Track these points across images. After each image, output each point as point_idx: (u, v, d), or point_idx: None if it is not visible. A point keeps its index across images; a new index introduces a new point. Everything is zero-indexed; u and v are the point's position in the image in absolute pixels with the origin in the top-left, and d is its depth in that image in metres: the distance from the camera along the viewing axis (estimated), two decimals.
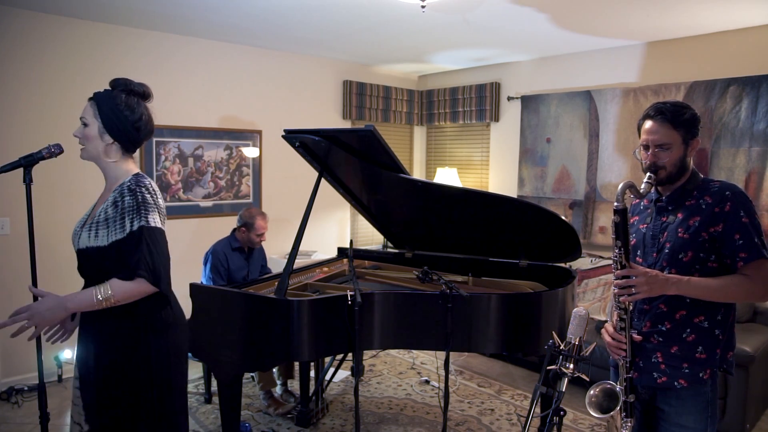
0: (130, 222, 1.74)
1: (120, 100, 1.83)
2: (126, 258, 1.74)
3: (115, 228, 1.76)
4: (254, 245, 3.77)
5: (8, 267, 3.77)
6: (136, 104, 1.86)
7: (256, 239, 3.72)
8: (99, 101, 1.82)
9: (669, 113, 1.77)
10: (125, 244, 1.74)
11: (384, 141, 2.76)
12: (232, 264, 3.68)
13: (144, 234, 1.74)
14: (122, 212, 1.76)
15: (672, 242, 1.79)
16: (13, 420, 3.39)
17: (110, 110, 1.81)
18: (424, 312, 2.80)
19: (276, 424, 3.42)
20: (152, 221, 1.77)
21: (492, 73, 5.60)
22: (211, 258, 3.64)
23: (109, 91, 1.86)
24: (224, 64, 4.75)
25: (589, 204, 4.83)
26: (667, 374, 1.79)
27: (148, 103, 1.92)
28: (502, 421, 3.52)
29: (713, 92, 4.03)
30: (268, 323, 2.68)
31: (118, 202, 1.78)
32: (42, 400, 1.86)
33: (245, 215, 3.71)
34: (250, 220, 3.68)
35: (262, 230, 3.70)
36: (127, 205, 1.75)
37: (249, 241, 3.73)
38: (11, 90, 3.74)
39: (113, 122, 1.82)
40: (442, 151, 6.23)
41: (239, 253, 3.75)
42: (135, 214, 1.75)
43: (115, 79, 1.88)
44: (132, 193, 1.77)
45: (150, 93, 1.92)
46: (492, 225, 3.34)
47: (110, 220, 1.78)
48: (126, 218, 1.75)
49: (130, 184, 1.80)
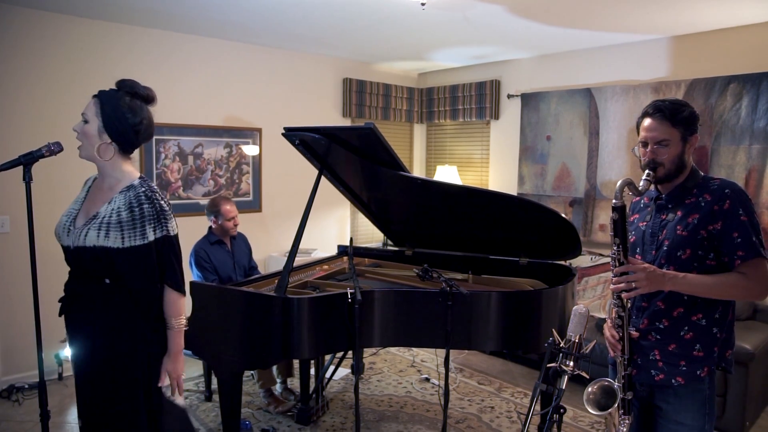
0: (153, 230, 1.84)
1: (124, 102, 1.85)
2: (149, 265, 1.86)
3: (133, 233, 1.82)
4: (230, 231, 3.73)
5: (8, 265, 3.78)
6: (139, 108, 1.89)
7: (229, 225, 3.69)
8: (103, 100, 1.84)
9: (667, 111, 1.78)
10: (147, 249, 1.85)
11: (384, 138, 2.76)
12: (215, 259, 3.66)
13: (167, 244, 1.88)
14: (141, 219, 1.83)
15: (671, 239, 1.79)
16: (14, 418, 3.40)
17: (112, 110, 1.83)
18: (424, 310, 2.80)
19: (276, 422, 3.43)
20: (171, 230, 1.91)
21: (492, 71, 5.59)
22: (193, 257, 3.63)
23: (114, 91, 1.88)
24: (224, 62, 4.74)
25: (589, 202, 4.83)
26: (665, 372, 1.80)
27: (152, 107, 1.95)
28: (502, 419, 3.53)
29: (713, 90, 4.02)
30: (268, 321, 2.69)
31: (135, 208, 1.83)
32: (42, 398, 1.87)
33: (209, 205, 3.72)
34: (215, 208, 3.68)
35: (230, 214, 3.68)
36: (147, 214, 1.83)
37: (224, 231, 3.71)
38: (11, 88, 3.74)
39: (113, 123, 1.84)
40: (442, 148, 6.23)
41: (219, 246, 3.73)
42: (156, 223, 1.85)
43: (122, 80, 1.90)
44: (150, 201, 1.84)
45: (154, 97, 1.95)
46: (492, 223, 3.34)
47: (125, 224, 1.82)
48: (147, 226, 1.83)
49: (145, 190, 1.85)
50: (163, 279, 1.91)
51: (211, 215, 3.70)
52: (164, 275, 1.91)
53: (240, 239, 3.89)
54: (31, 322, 1.85)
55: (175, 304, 1.94)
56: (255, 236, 4.59)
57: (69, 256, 1.90)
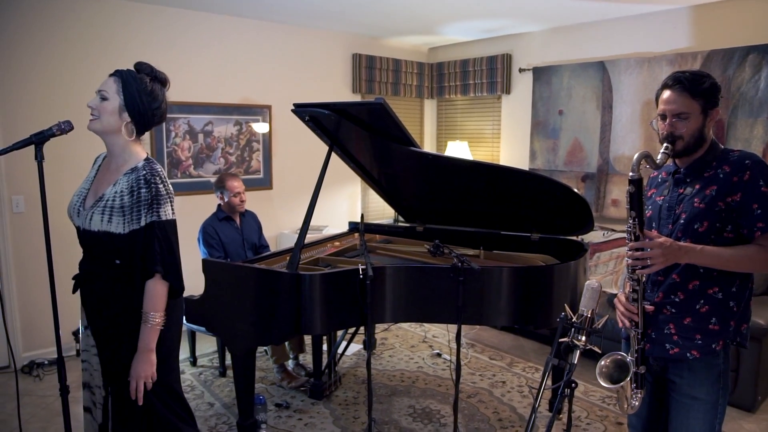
0: (145, 215, 1.83)
1: (146, 84, 1.88)
2: (140, 249, 1.83)
3: (132, 218, 1.83)
4: (238, 208, 3.74)
5: (25, 244, 3.82)
6: (160, 91, 1.92)
7: (235, 201, 3.70)
8: (126, 80, 1.85)
9: (687, 82, 1.73)
10: (140, 234, 1.83)
11: (394, 113, 2.73)
12: (224, 236, 3.68)
13: (155, 228, 1.83)
14: (138, 204, 1.83)
15: (688, 212, 1.76)
16: (36, 392, 3.48)
17: (136, 91, 1.85)
18: (435, 285, 2.81)
19: (290, 397, 3.48)
20: (164, 215, 1.86)
21: (503, 45, 5.50)
22: (201, 234, 3.66)
23: (135, 72, 1.89)
24: (233, 39, 4.70)
25: (601, 177, 4.78)
26: (680, 345, 1.79)
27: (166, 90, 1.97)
28: (514, 393, 3.55)
29: (731, 61, 3.93)
30: (280, 297, 2.71)
31: (135, 191, 1.83)
32: (61, 374, 1.90)
33: (216, 181, 3.74)
34: (221, 184, 3.70)
35: (235, 190, 3.69)
36: (143, 198, 1.83)
37: (231, 207, 3.73)
38: (22, 67, 3.73)
39: (136, 103, 1.85)
40: (452, 124, 6.17)
41: (228, 223, 3.74)
42: (148, 208, 1.83)
43: (139, 62, 1.92)
44: (147, 185, 1.84)
45: (168, 80, 1.98)
46: (504, 198, 3.32)
47: (126, 208, 1.84)
48: (142, 210, 1.83)
49: (146, 174, 1.85)
50: (144, 265, 1.82)
51: (217, 191, 3.72)
52: (146, 262, 1.82)
53: (249, 216, 3.90)
54: (49, 299, 1.88)
55: (156, 296, 1.84)
56: (266, 213, 4.61)
57: (80, 236, 1.92)
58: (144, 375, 1.83)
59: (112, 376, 1.91)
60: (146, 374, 1.84)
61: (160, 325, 1.85)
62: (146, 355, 1.84)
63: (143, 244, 1.83)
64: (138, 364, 1.84)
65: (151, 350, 1.85)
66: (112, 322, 1.89)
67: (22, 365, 3.79)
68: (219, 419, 3.20)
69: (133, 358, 1.84)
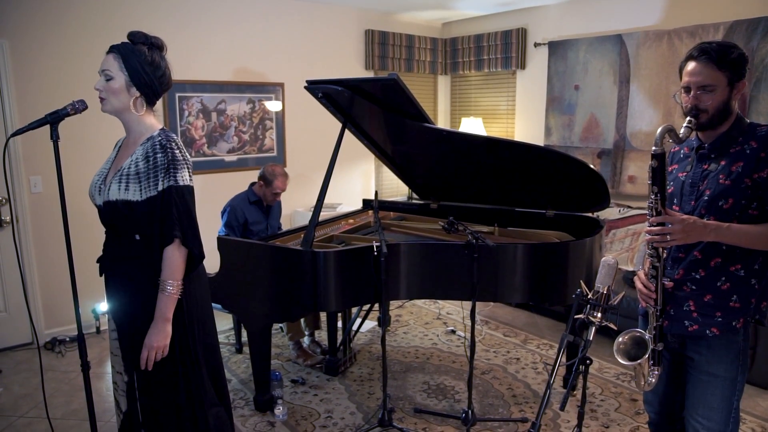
0: (162, 180, 1.80)
1: (146, 54, 1.85)
2: (158, 217, 1.80)
3: (148, 184, 1.81)
4: (268, 202, 3.78)
5: (44, 224, 3.88)
6: (160, 57, 1.89)
7: (271, 196, 3.72)
8: (125, 55, 1.83)
9: (714, 53, 1.67)
10: (157, 201, 1.80)
11: (408, 89, 2.70)
12: (250, 217, 3.69)
13: (172, 194, 1.80)
14: (155, 169, 1.81)
15: (712, 189, 1.72)
16: (58, 368, 3.56)
17: (138, 64, 1.82)
18: (450, 262, 2.80)
19: (306, 373, 3.52)
20: (181, 180, 1.82)
21: (518, 19, 5.39)
22: (228, 214, 3.67)
23: (131, 44, 1.86)
24: (245, 16, 4.66)
25: (618, 153, 4.71)
26: (699, 322, 1.77)
27: (165, 54, 1.94)
28: (528, 370, 3.57)
29: (756, 32, 3.81)
30: (295, 275, 2.72)
31: (150, 157, 1.81)
32: (82, 351, 1.93)
33: (267, 171, 3.71)
34: (270, 177, 3.68)
35: (279, 189, 3.70)
36: (160, 163, 1.80)
37: (264, 196, 3.75)
38: (34, 47, 3.74)
39: (141, 76, 1.83)
40: (467, 100, 6.10)
41: (257, 207, 3.76)
42: (165, 173, 1.80)
43: (132, 32, 1.88)
44: (164, 150, 1.81)
45: (164, 44, 1.94)
46: (518, 175, 3.29)
47: (142, 174, 1.82)
48: (159, 175, 1.80)
49: (161, 139, 1.84)
50: (162, 231, 1.79)
51: (262, 177, 3.71)
52: (164, 227, 1.79)
53: (277, 204, 3.92)
54: (69, 278, 1.90)
55: (174, 263, 1.80)
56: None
57: (101, 214, 1.92)
58: (157, 345, 1.80)
59: (132, 364, 1.91)
60: (159, 345, 1.80)
61: (177, 294, 1.82)
62: (162, 325, 1.80)
63: (161, 211, 1.79)
64: (152, 333, 1.80)
65: (167, 320, 1.81)
66: (132, 316, 1.88)
67: (44, 342, 3.87)
68: (236, 395, 3.26)
69: (149, 328, 1.81)
